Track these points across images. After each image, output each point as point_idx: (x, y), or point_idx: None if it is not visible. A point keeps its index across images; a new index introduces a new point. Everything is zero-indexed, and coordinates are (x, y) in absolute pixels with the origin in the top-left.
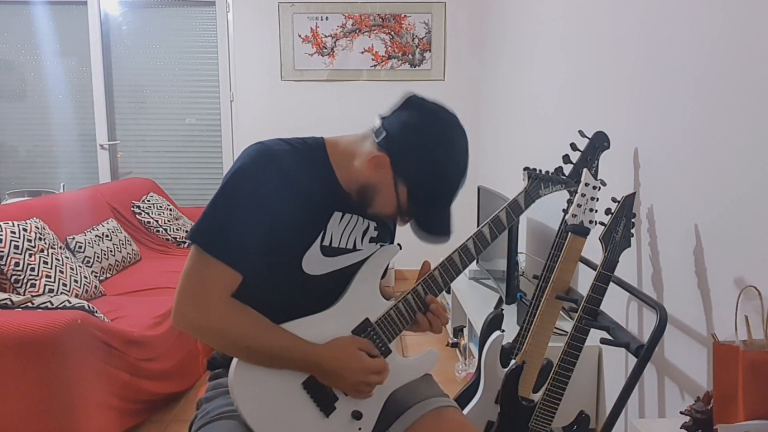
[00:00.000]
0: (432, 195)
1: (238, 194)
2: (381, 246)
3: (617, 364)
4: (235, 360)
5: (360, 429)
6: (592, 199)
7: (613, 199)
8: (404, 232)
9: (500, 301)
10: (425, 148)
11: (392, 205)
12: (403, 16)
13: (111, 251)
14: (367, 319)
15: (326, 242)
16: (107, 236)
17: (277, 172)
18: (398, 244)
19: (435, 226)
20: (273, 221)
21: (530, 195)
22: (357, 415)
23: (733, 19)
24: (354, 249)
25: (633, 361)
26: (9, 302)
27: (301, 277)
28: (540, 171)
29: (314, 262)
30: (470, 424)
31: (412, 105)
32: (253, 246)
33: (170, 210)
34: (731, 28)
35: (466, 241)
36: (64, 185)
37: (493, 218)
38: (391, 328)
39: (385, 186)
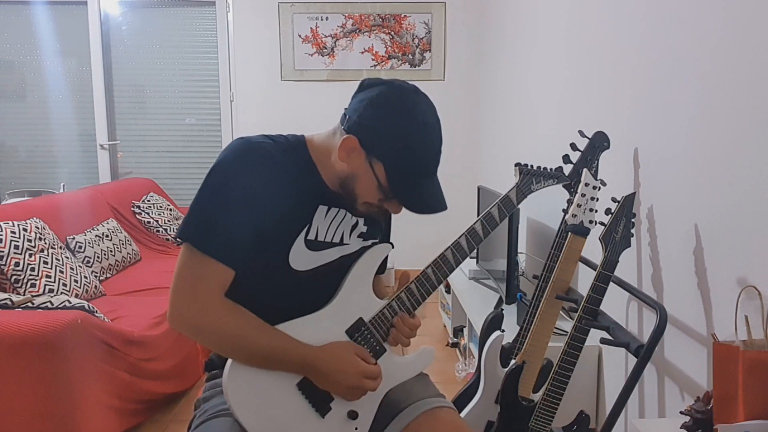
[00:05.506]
0: (408, 164)
1: (222, 188)
2: (372, 243)
3: (617, 364)
4: (229, 361)
5: (356, 429)
6: (592, 199)
7: (613, 199)
8: (401, 232)
9: (500, 301)
10: (388, 117)
11: (374, 188)
12: (403, 16)
13: (111, 251)
14: (360, 318)
15: (311, 236)
16: (107, 236)
17: (260, 165)
18: (390, 243)
19: (423, 199)
20: (258, 214)
21: (522, 190)
22: (353, 415)
23: (733, 19)
24: (341, 243)
25: (633, 361)
26: (9, 302)
27: (290, 274)
28: (531, 166)
29: (300, 257)
30: (465, 425)
31: (367, 85)
32: (241, 239)
33: (170, 210)
34: (732, 28)
35: (459, 237)
36: (64, 185)
37: (485, 214)
38: (385, 327)
39: (362, 170)
